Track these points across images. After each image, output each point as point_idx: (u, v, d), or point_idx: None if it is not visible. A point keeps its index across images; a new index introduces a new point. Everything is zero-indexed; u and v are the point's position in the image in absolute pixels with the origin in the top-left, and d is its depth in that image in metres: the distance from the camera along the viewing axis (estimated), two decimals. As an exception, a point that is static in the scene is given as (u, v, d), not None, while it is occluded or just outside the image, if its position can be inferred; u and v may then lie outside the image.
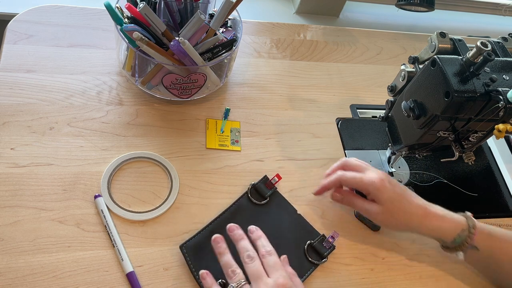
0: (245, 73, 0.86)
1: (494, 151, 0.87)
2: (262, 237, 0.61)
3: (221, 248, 0.59)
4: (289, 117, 0.82)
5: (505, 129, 0.53)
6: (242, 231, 0.61)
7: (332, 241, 0.67)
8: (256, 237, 0.61)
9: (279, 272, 0.56)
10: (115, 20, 0.68)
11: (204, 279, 0.58)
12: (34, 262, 0.58)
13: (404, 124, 0.69)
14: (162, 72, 0.72)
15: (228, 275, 0.56)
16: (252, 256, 0.57)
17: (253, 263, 0.56)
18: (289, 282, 0.55)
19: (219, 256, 0.58)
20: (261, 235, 0.61)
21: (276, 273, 0.56)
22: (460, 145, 0.63)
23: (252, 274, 0.56)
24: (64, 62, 0.77)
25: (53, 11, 0.84)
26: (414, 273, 0.69)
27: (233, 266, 0.57)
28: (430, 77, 0.60)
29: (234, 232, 0.60)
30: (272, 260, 0.57)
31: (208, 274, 0.58)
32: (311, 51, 0.95)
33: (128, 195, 0.66)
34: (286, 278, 0.55)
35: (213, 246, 0.59)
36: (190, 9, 0.73)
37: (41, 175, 0.65)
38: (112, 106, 0.74)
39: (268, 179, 0.71)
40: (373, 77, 0.94)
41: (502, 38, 0.66)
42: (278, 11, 1.18)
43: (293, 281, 0.58)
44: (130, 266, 0.59)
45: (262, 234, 0.61)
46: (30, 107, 0.71)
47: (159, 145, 0.72)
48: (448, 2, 1.30)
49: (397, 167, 0.80)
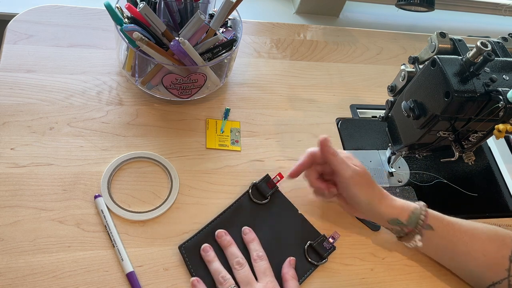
0: (245, 73, 0.86)
1: (494, 151, 0.88)
2: (255, 240, 0.63)
3: (209, 257, 0.61)
4: (289, 117, 0.82)
5: (505, 129, 0.53)
6: (230, 237, 0.63)
7: (333, 241, 0.67)
8: (249, 239, 0.63)
9: (268, 278, 0.59)
10: (115, 20, 0.68)
11: (195, 286, 0.59)
12: (34, 262, 0.58)
13: (404, 124, 0.69)
14: (162, 72, 0.72)
15: (219, 282, 0.59)
16: (241, 263, 0.60)
17: (242, 269, 0.60)
18: (277, 287, 0.58)
19: (208, 264, 0.61)
20: (254, 238, 0.63)
21: (265, 278, 0.59)
22: (460, 145, 0.63)
23: (242, 280, 0.59)
24: (64, 62, 0.77)
25: (53, 11, 0.84)
26: (414, 273, 0.69)
27: (223, 273, 0.59)
28: (430, 77, 0.60)
29: (222, 238, 0.63)
30: (263, 266, 0.60)
31: (199, 281, 0.59)
32: (311, 51, 0.95)
33: (128, 195, 0.66)
34: (275, 284, 0.58)
35: (202, 255, 0.62)
36: (190, 9, 0.73)
37: (41, 175, 0.65)
38: (112, 106, 0.74)
39: (270, 178, 0.71)
40: (373, 77, 0.94)
41: (502, 38, 0.66)
42: (278, 11, 1.18)
43: (289, 284, 0.59)
44: (130, 266, 0.59)
45: (255, 237, 0.64)
46: (30, 107, 0.71)
47: (159, 145, 0.72)
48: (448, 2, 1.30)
49: (397, 167, 0.80)
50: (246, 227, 0.65)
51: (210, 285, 0.60)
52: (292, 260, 0.63)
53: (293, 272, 0.62)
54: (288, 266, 0.63)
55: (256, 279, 0.59)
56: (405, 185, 0.78)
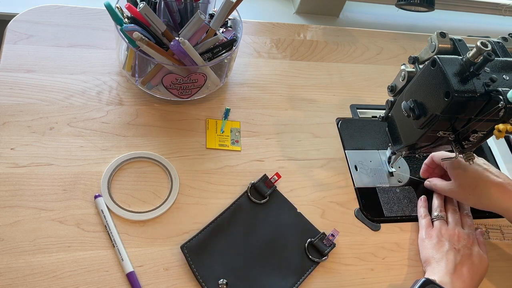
0: (245, 73, 0.86)
1: (494, 151, 0.87)
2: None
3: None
4: (289, 117, 0.82)
5: (505, 129, 0.53)
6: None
7: (333, 239, 0.67)
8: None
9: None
10: (115, 20, 0.68)
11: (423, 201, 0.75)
12: (34, 262, 0.58)
13: (404, 124, 0.69)
14: (162, 72, 0.72)
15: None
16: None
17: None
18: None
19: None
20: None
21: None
22: (460, 145, 0.63)
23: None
24: (64, 62, 0.77)
25: (53, 11, 0.84)
26: (414, 273, 0.69)
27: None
28: (430, 77, 0.60)
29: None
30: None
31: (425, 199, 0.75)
32: (311, 51, 0.95)
33: (128, 195, 0.66)
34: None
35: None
36: (190, 9, 0.73)
37: (41, 175, 0.65)
38: (112, 106, 0.74)
39: (268, 178, 0.71)
40: (373, 77, 0.94)
41: (502, 38, 0.66)
42: (278, 11, 1.18)
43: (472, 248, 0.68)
44: (130, 266, 0.59)
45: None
46: (30, 107, 0.71)
47: (159, 145, 0.72)
48: (448, 2, 1.30)
49: (397, 167, 0.80)
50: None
51: (217, 277, 0.60)
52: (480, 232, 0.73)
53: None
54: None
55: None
56: (405, 185, 0.78)
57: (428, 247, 0.68)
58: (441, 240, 0.68)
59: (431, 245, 0.68)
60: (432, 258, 0.66)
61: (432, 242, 0.68)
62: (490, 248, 0.74)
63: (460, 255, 0.66)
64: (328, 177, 0.76)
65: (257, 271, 0.63)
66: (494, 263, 0.72)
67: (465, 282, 0.63)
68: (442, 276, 0.63)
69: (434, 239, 0.68)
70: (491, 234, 0.75)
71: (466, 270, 0.64)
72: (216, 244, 0.64)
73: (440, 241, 0.68)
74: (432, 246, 0.68)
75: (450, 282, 0.62)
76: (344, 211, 0.72)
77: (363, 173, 0.78)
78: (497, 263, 0.72)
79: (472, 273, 0.64)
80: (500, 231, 0.76)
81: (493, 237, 0.75)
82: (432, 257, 0.66)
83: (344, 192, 0.75)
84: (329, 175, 0.76)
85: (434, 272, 0.64)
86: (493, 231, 0.76)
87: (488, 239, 0.75)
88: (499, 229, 0.76)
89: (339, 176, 0.76)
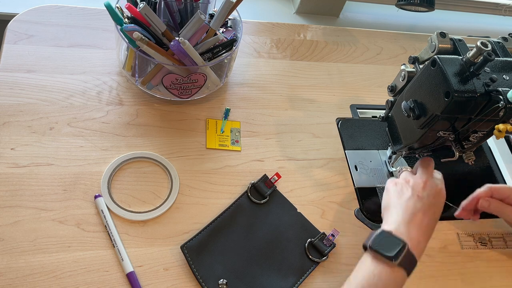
0: (245, 73, 0.86)
1: (494, 151, 0.87)
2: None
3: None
4: (289, 117, 0.82)
5: (505, 129, 0.52)
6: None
7: (333, 239, 0.67)
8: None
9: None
10: (115, 20, 0.68)
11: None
12: (34, 262, 0.58)
13: (404, 124, 0.69)
14: (162, 72, 0.72)
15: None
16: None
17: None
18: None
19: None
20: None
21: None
22: (460, 145, 0.63)
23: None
24: (64, 62, 0.77)
25: (53, 11, 0.84)
26: (414, 273, 0.68)
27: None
28: (430, 77, 0.60)
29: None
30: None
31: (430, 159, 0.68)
32: (311, 51, 0.95)
33: (128, 195, 0.66)
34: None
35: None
36: (190, 9, 0.73)
37: (41, 175, 0.65)
38: (112, 106, 0.74)
39: (268, 178, 0.71)
40: (373, 77, 0.94)
41: (502, 38, 0.66)
42: (278, 11, 1.18)
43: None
44: (130, 266, 0.59)
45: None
46: (30, 107, 0.71)
47: (159, 145, 0.72)
48: (448, 2, 1.30)
49: (397, 167, 0.80)
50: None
51: (217, 277, 0.60)
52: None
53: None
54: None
55: None
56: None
57: (391, 194, 0.64)
58: (405, 187, 0.64)
59: (394, 192, 0.64)
60: (392, 205, 0.62)
61: (395, 189, 0.64)
62: (493, 256, 0.73)
63: (421, 203, 0.61)
64: (328, 177, 0.76)
65: (257, 271, 0.63)
66: (497, 273, 0.72)
67: (422, 230, 0.59)
68: (398, 225, 0.59)
69: (399, 186, 0.64)
70: (494, 243, 0.75)
71: (428, 219, 0.60)
72: (216, 244, 0.64)
73: (403, 188, 0.64)
74: (394, 193, 0.64)
75: (407, 232, 0.58)
76: (344, 211, 0.72)
77: (363, 173, 0.78)
78: (501, 268, 0.72)
79: (434, 221, 0.61)
80: (502, 239, 0.76)
81: (496, 245, 0.74)
82: (392, 204, 0.62)
83: (344, 192, 0.75)
84: (329, 175, 0.76)
85: (390, 220, 0.60)
86: (495, 240, 0.75)
87: (491, 248, 0.74)
88: (501, 237, 0.76)
89: (339, 176, 0.76)
